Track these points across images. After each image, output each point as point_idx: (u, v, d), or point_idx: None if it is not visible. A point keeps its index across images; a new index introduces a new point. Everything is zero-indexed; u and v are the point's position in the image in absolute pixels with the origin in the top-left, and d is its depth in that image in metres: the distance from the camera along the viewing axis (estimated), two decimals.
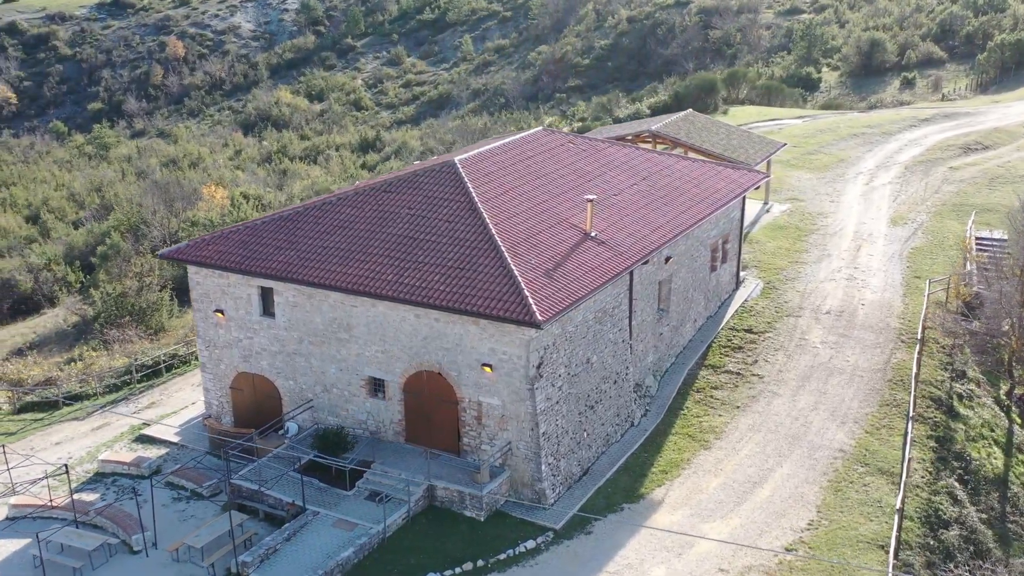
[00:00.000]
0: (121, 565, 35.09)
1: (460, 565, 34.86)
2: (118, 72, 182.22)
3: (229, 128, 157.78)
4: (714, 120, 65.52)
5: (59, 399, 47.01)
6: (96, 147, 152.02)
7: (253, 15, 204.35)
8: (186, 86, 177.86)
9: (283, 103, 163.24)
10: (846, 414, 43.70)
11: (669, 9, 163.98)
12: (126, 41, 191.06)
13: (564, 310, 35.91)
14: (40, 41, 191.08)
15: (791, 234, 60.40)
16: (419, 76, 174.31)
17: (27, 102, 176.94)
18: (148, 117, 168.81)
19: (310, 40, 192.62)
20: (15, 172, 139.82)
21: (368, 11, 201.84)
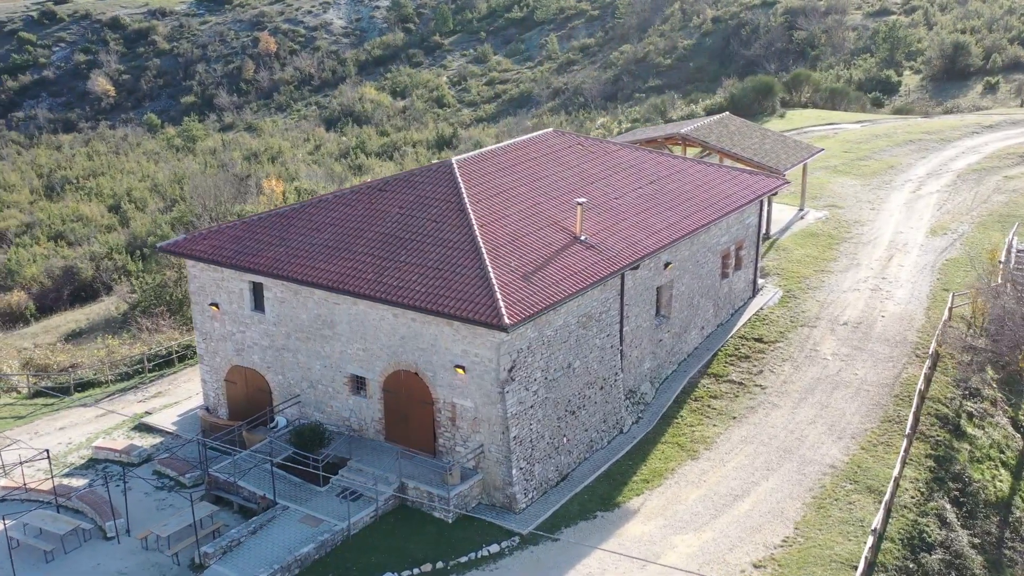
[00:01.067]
0: (93, 550, 35.90)
1: (420, 566, 34.88)
2: (212, 66, 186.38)
3: (313, 123, 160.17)
4: (750, 124, 64.28)
5: (70, 386, 48.27)
6: (184, 140, 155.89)
7: (345, 12, 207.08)
8: (276, 81, 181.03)
9: (367, 99, 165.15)
10: (844, 429, 42.57)
11: (755, 9, 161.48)
12: (221, 36, 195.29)
13: (534, 315, 35.63)
14: (140, 36, 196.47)
15: (822, 242, 58.97)
16: (503, 74, 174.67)
17: (125, 95, 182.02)
18: (237, 111, 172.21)
19: (399, 37, 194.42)
20: (105, 162, 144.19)
21: (458, 9, 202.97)
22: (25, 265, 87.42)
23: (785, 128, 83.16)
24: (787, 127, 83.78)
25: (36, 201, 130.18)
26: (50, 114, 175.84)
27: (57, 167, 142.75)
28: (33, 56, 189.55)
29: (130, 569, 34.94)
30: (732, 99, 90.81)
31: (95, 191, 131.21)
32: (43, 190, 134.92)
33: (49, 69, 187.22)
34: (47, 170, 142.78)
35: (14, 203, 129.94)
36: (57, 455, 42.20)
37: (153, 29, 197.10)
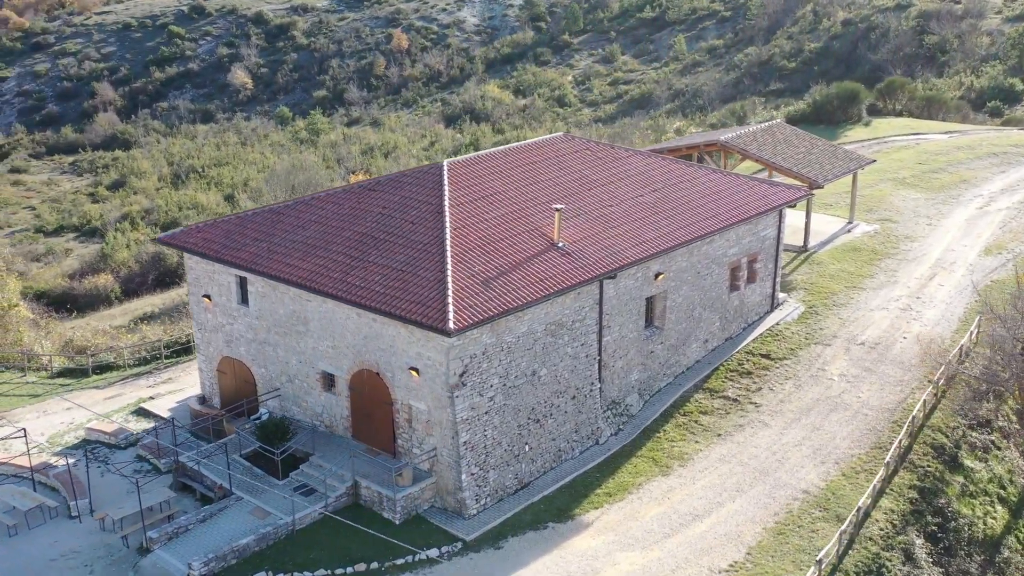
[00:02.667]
0: (55, 527, 37.43)
1: (354, 565, 35.15)
2: (345, 62, 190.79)
3: (434, 119, 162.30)
4: (800, 132, 62.16)
5: (88, 368, 50.34)
6: (309, 132, 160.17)
7: (479, 10, 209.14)
8: (405, 77, 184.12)
9: (488, 97, 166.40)
10: (830, 454, 41.00)
11: (887, 12, 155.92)
12: (357, 32, 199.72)
13: (482, 321, 35.43)
14: (281, 31, 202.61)
15: (863, 257, 56.74)
16: (628, 75, 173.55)
17: (261, 87, 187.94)
18: (366, 106, 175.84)
19: (528, 36, 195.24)
20: (231, 153, 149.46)
21: (590, 8, 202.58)
22: (119, 250, 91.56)
23: (867, 137, 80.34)
24: (869, 136, 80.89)
25: (162, 188, 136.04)
26: (191, 105, 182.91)
27: (186, 156, 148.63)
28: (180, 49, 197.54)
29: (83, 548, 36.28)
30: (816, 106, 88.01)
31: (216, 180, 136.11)
32: (170, 178, 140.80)
33: (194, 62, 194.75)
34: (177, 158, 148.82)
35: (141, 189, 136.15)
36: (56, 434, 44.12)
37: (293, 25, 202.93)
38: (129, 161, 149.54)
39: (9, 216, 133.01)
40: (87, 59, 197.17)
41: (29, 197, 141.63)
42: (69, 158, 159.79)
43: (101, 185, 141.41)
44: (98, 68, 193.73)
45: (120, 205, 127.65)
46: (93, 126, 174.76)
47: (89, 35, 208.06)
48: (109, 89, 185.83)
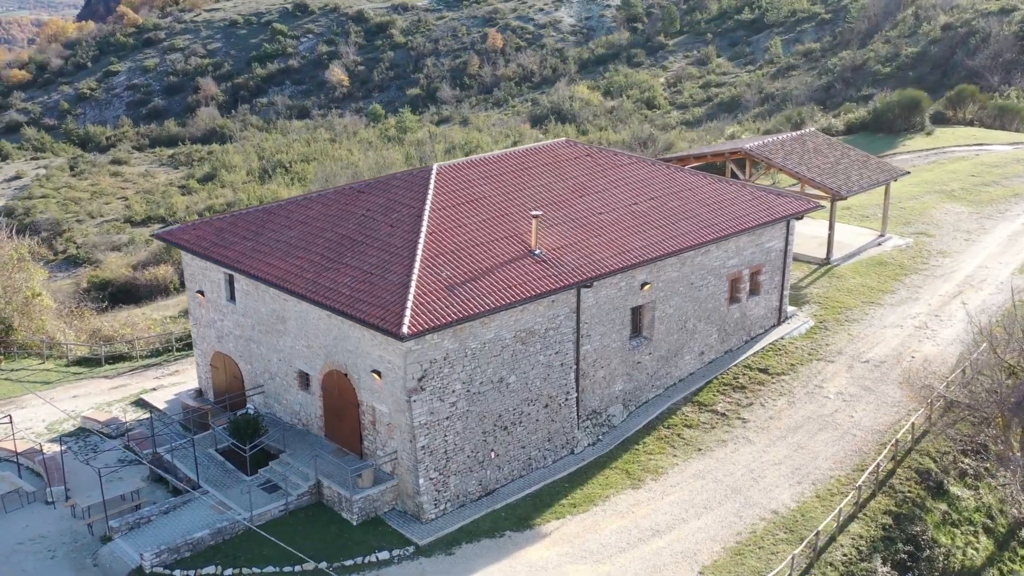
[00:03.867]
0: (30, 512, 38.70)
1: (302, 564, 35.50)
2: (440, 61, 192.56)
3: (521, 119, 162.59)
4: (833, 141, 60.41)
5: (101, 357, 51.88)
6: (398, 130, 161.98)
7: (576, 10, 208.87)
8: (498, 77, 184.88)
9: (577, 98, 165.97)
10: (809, 474, 39.93)
11: (989, 16, 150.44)
12: (454, 32, 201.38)
13: (440, 327, 35.39)
14: (380, 29, 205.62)
15: (888, 272, 54.99)
16: (720, 77, 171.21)
17: (358, 85, 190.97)
18: (457, 105, 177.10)
19: (624, 37, 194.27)
20: (319, 149, 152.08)
21: (688, 9, 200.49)
22: None
23: (926, 147, 77.84)
24: (929, 146, 78.36)
25: (249, 182, 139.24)
26: (289, 101, 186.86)
27: (276, 151, 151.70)
28: (282, 46, 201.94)
29: (51, 533, 37.44)
30: (876, 114, 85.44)
31: (300, 176, 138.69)
32: (258, 172, 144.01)
33: (295, 59, 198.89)
34: (268, 153, 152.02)
35: (229, 183, 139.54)
36: (56, 421, 45.59)
37: (392, 23, 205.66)
38: (222, 155, 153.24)
39: (102, 206, 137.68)
40: (193, 55, 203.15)
41: (125, 188, 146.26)
42: (169, 151, 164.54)
43: (193, 178, 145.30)
44: (203, 64, 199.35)
45: (206, 198, 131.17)
46: (195, 120, 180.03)
47: (197, 31, 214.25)
48: (212, 84, 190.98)
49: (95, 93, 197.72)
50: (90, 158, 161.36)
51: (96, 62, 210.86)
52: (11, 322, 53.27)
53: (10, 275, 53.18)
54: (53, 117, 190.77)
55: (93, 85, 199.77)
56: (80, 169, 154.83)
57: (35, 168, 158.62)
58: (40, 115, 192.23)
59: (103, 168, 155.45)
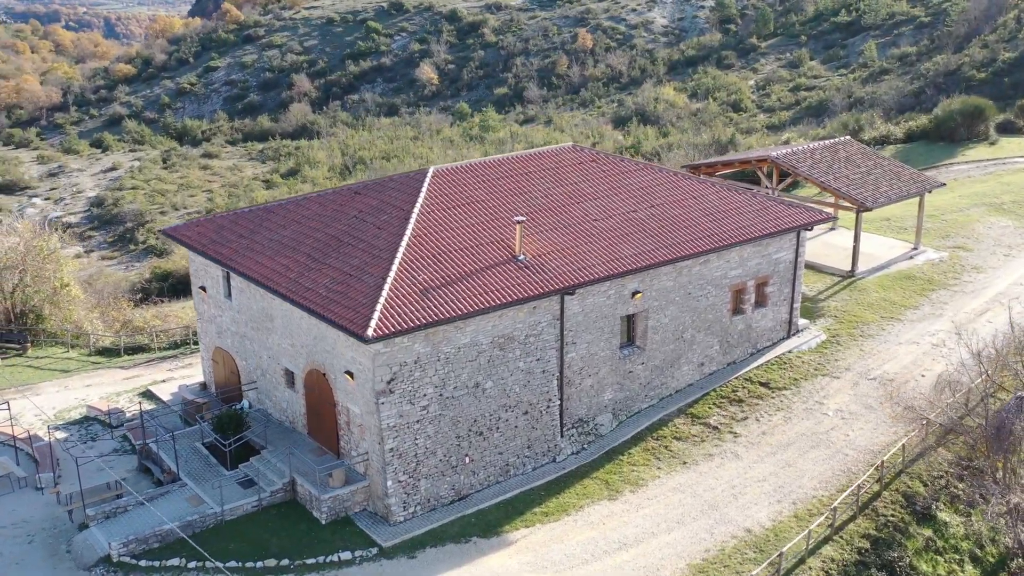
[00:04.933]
0: (19, 497, 39.95)
1: (265, 560, 35.95)
2: (529, 60, 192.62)
3: (604, 120, 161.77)
4: (868, 151, 58.60)
5: (120, 348, 53.23)
6: (481, 129, 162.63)
7: (670, 11, 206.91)
8: (586, 77, 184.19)
9: (662, 99, 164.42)
10: (791, 493, 38.96)
11: None
12: (544, 31, 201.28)
13: (407, 330, 35.40)
14: (472, 28, 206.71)
15: (914, 286, 53.25)
16: (811, 80, 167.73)
17: (447, 83, 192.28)
18: (543, 104, 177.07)
19: (716, 38, 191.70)
20: (401, 147, 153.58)
21: (783, 11, 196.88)
22: None
23: (987, 157, 75.16)
24: (990, 156, 75.64)
25: (331, 178, 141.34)
26: (379, 98, 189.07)
27: (359, 148, 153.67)
28: (376, 44, 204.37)
29: (34, 519, 38.59)
30: (938, 122, 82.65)
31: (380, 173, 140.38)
32: (340, 168, 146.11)
33: (387, 56, 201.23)
34: (351, 150, 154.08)
35: (311, 178, 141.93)
36: (64, 409, 46.97)
37: (485, 22, 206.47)
38: (307, 151, 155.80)
39: (187, 198, 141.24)
40: (290, 51, 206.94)
41: (212, 181, 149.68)
42: (259, 145, 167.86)
43: (277, 173, 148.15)
44: (298, 60, 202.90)
45: (287, 192, 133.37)
46: (286, 116, 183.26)
47: (295, 29, 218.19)
48: (306, 81, 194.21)
49: (195, 88, 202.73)
50: (182, 151, 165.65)
51: (198, 58, 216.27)
52: (41, 311, 55.10)
53: (41, 266, 54.95)
54: (154, 111, 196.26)
55: (193, 80, 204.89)
56: (172, 162, 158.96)
57: (131, 160, 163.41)
58: (142, 109, 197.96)
59: (194, 161, 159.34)
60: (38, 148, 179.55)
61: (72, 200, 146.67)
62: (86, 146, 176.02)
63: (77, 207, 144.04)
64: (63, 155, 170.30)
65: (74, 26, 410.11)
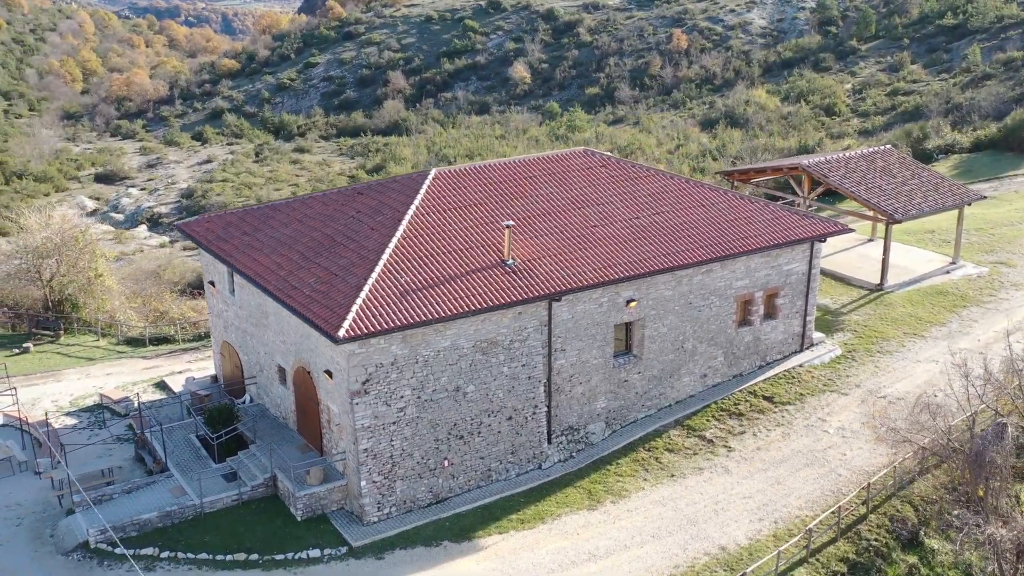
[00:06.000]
0: (17, 480, 41.20)
1: (235, 554, 36.43)
2: (623, 60, 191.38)
3: (693, 122, 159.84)
4: (909, 161, 56.49)
5: (145, 339, 54.49)
6: (567, 129, 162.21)
7: (769, 12, 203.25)
8: (679, 78, 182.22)
9: (753, 102, 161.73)
10: (774, 511, 37.98)
11: None
12: (640, 31, 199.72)
13: (382, 332, 35.44)
14: (568, 27, 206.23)
15: (945, 302, 51.32)
16: (910, 85, 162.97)
17: (539, 82, 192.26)
18: (634, 105, 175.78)
19: (815, 40, 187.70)
20: (484, 145, 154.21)
21: (887, 13, 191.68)
22: None
23: None
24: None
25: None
26: (472, 96, 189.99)
27: (445, 145, 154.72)
28: (472, 42, 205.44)
29: (27, 502, 39.77)
30: (1007, 131, 79.41)
31: None
32: (423, 165, 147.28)
33: (482, 55, 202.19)
34: (438, 147, 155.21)
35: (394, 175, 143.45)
36: (80, 396, 48.31)
37: (581, 22, 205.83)
38: (394, 147, 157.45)
39: (272, 192, 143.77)
40: (387, 49, 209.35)
41: (299, 176, 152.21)
42: (351, 141, 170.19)
43: (363, 168, 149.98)
44: (395, 57, 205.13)
45: None
46: (380, 112, 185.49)
47: (394, 26, 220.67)
48: (401, 78, 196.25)
49: (294, 83, 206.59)
50: (275, 145, 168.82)
51: (299, 54, 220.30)
52: (77, 300, 56.80)
53: (77, 256, 56.63)
54: (254, 105, 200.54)
55: (293, 76, 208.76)
56: (264, 156, 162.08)
57: (226, 153, 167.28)
58: (242, 103, 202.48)
59: (285, 155, 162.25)
60: (142, 140, 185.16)
61: (165, 191, 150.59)
62: (187, 139, 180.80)
63: (169, 198, 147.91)
64: (164, 147, 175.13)
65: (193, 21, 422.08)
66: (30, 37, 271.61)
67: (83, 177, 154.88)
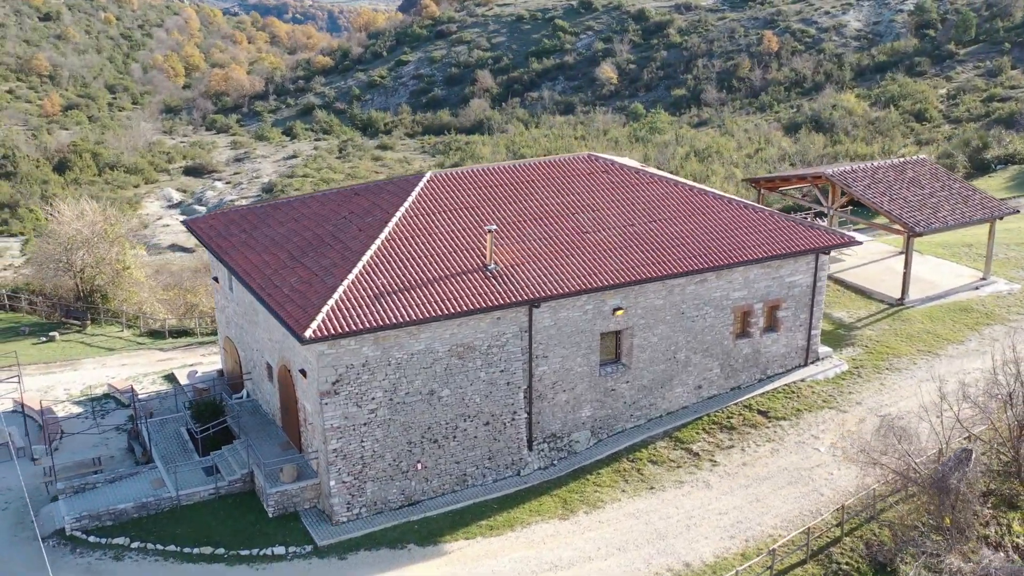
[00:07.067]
0: (11, 466, 42.25)
1: (202, 547, 36.91)
2: (711, 62, 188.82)
3: (775, 126, 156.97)
4: (941, 172, 54.34)
5: (164, 331, 55.55)
6: (648, 131, 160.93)
7: (865, 14, 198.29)
8: (768, 81, 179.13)
9: (840, 106, 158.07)
10: (747, 529, 37.05)
11: None
12: (731, 33, 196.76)
13: (350, 333, 35.50)
14: (658, 28, 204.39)
15: (967, 319, 49.38)
16: (1008, 91, 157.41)
17: (626, 83, 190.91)
18: (719, 108, 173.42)
19: (911, 43, 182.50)
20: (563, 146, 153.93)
21: (988, 16, 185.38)
22: None
23: None
24: None
25: None
26: (558, 96, 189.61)
27: (523, 145, 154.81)
28: (561, 42, 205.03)
29: (16, 487, 40.84)
30: None
31: None
32: None
33: (570, 55, 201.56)
34: (516, 147, 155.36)
35: None
36: (91, 386, 49.48)
37: (671, 22, 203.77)
38: (475, 146, 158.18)
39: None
40: (477, 48, 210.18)
41: (378, 173, 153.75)
42: (435, 139, 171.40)
43: (441, 167, 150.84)
44: (484, 56, 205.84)
45: None
46: (466, 111, 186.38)
47: (485, 25, 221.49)
48: (488, 77, 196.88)
49: (384, 81, 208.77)
50: (359, 142, 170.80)
51: (391, 52, 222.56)
52: (105, 291, 58.24)
53: (108, 249, 58.06)
54: (344, 102, 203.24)
55: (384, 73, 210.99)
56: (347, 152, 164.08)
57: (311, 149, 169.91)
58: (333, 99, 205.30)
59: (367, 152, 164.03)
60: (235, 134, 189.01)
61: (248, 185, 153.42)
62: (277, 134, 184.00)
63: (251, 192, 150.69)
64: (254, 142, 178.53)
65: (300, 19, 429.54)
66: (138, 33, 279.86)
67: (173, 170, 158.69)
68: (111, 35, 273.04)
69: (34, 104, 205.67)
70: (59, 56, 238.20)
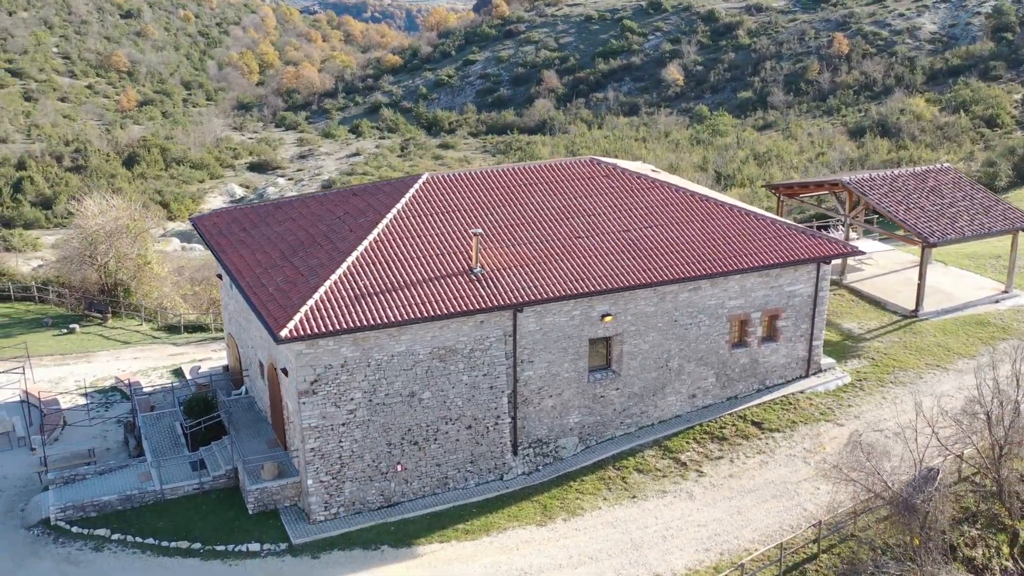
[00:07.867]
0: (10, 455, 43.30)
1: (180, 541, 37.33)
2: (780, 64, 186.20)
3: (841, 130, 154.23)
4: (964, 180, 52.62)
5: (180, 326, 56.33)
6: (711, 134, 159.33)
7: (941, 16, 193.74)
8: (837, 84, 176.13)
9: (908, 110, 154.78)
10: (724, 543, 36.43)
11: None
12: (801, 35, 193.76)
13: (326, 334, 35.61)
14: (727, 29, 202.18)
15: (983, 333, 47.90)
16: None
17: (692, 85, 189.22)
18: (786, 110, 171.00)
19: (987, 47, 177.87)
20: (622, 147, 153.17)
21: None
22: None
23: None
24: None
25: None
26: (623, 97, 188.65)
27: (583, 146, 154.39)
28: (628, 43, 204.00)
29: (11, 476, 41.80)
30: None
31: None
32: None
33: (638, 55, 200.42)
34: (575, 148, 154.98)
35: None
36: (99, 378, 50.39)
37: (741, 24, 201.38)
38: (532, 147, 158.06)
39: None
40: (544, 48, 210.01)
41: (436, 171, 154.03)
42: (497, 139, 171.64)
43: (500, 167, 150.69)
44: (551, 56, 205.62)
45: None
46: (531, 111, 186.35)
47: (554, 25, 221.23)
48: (554, 77, 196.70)
49: (451, 80, 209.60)
50: (422, 140, 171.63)
51: (460, 51, 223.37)
52: (128, 286, 59.31)
53: (130, 244, 59.09)
54: (411, 100, 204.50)
55: (451, 72, 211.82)
56: (408, 151, 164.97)
57: (374, 147, 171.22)
58: (400, 98, 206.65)
59: (429, 151, 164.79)
60: (303, 131, 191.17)
61: (309, 182, 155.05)
62: (343, 131, 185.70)
63: (311, 188, 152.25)
64: (320, 139, 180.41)
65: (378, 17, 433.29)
66: (215, 30, 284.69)
67: (238, 165, 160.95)
68: (189, 32, 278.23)
69: (111, 99, 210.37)
70: (137, 52, 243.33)
